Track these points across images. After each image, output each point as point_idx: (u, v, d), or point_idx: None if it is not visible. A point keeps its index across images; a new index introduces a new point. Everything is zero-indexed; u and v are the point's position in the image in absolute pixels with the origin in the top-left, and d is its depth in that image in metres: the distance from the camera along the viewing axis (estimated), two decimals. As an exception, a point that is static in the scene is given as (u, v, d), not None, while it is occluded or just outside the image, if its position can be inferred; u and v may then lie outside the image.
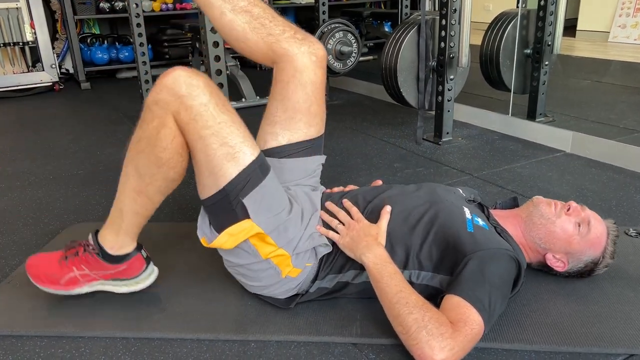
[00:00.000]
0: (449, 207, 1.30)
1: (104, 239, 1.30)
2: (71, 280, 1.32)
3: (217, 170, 1.16)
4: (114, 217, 1.29)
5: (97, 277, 1.32)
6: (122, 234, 1.29)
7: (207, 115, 1.13)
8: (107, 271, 1.31)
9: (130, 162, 1.22)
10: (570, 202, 1.36)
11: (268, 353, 1.19)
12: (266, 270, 1.26)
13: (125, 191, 1.25)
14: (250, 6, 1.27)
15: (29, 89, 4.08)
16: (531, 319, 1.26)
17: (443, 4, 2.47)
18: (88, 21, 4.70)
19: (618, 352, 1.15)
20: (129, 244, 1.31)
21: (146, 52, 3.51)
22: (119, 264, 1.31)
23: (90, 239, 1.32)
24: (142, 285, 1.35)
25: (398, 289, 1.13)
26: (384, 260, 1.20)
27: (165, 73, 1.15)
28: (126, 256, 1.31)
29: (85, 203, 2.05)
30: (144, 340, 1.24)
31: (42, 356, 1.20)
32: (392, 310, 1.12)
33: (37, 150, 2.73)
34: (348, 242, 1.26)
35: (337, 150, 2.60)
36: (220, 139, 1.15)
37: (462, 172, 2.27)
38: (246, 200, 1.18)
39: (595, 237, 1.32)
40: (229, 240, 1.21)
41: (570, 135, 2.45)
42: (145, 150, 1.19)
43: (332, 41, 3.28)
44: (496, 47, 2.83)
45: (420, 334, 1.05)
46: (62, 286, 1.32)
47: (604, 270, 1.37)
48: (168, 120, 1.15)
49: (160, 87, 1.14)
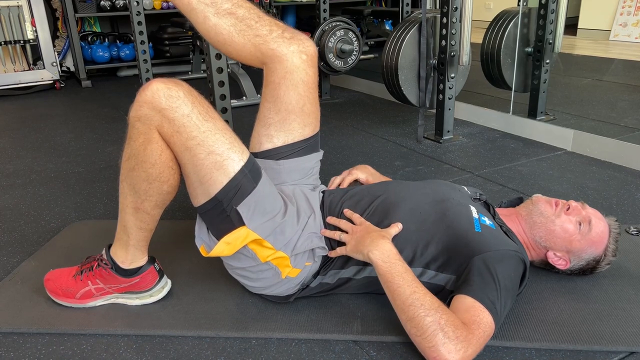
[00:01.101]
0: (457, 207, 1.29)
1: (115, 254, 1.31)
2: (86, 294, 1.33)
3: (207, 179, 1.15)
4: (120, 234, 1.29)
5: (111, 290, 1.33)
6: (130, 248, 1.29)
7: (190, 126, 1.11)
8: (120, 285, 1.32)
9: (124, 180, 1.22)
10: (570, 201, 1.36)
11: (269, 350, 1.20)
12: (266, 271, 1.26)
13: (125, 208, 1.24)
14: (234, 8, 1.24)
15: (30, 87, 4.08)
16: (532, 316, 1.27)
17: (444, 2, 2.47)
18: (89, 19, 4.70)
19: (618, 350, 1.16)
20: (140, 258, 1.32)
21: (147, 50, 3.51)
22: (131, 278, 1.31)
23: (103, 253, 1.33)
24: (156, 298, 1.35)
25: (412, 289, 1.11)
26: (392, 258, 1.16)
27: (143, 87, 1.12)
28: (138, 269, 1.31)
29: (87, 201, 2.05)
30: (146, 338, 1.25)
31: (43, 353, 1.21)
32: (406, 312, 1.10)
33: (38, 148, 2.73)
34: (354, 245, 1.22)
35: (338, 148, 2.60)
36: (207, 148, 1.12)
37: (463, 170, 2.27)
38: (240, 207, 1.17)
39: (596, 235, 1.32)
40: (227, 248, 1.20)
41: (571, 134, 2.45)
42: (135, 168, 1.18)
43: (333, 39, 3.28)
44: (497, 45, 2.83)
45: (437, 337, 1.04)
46: (77, 300, 1.33)
47: (606, 267, 1.37)
48: (153, 136, 1.13)
49: (140, 103, 1.12)
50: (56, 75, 4.14)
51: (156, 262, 1.35)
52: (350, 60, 3.38)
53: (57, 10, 4.51)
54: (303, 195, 1.35)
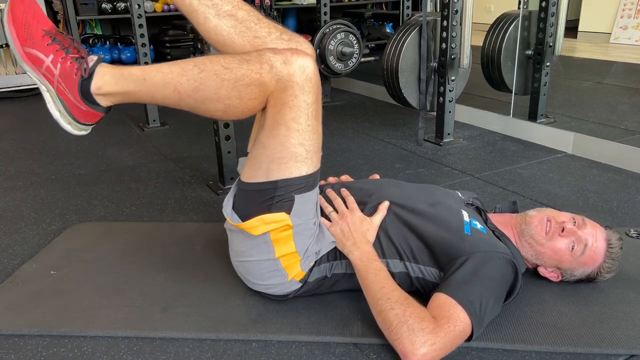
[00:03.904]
0: (447, 210, 1.31)
1: (102, 74, 1.16)
2: (34, 59, 1.15)
3: (281, 162, 1.18)
4: (134, 71, 1.16)
5: (55, 84, 1.17)
6: (120, 86, 1.16)
7: (303, 113, 1.15)
8: (68, 93, 1.17)
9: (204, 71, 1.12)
10: (565, 221, 1.30)
11: (269, 353, 1.20)
12: (272, 271, 1.27)
13: (168, 84, 1.12)
14: (234, 10, 1.25)
15: (31, 90, 4.08)
16: (532, 319, 1.27)
17: (444, 5, 2.47)
18: (90, 22, 4.71)
19: (619, 353, 1.16)
20: (109, 101, 1.19)
21: (148, 53, 3.51)
22: (83, 102, 1.17)
23: (89, 60, 1.17)
24: (77, 133, 1.24)
25: (381, 285, 1.15)
26: (370, 258, 1.23)
27: (300, 51, 1.15)
28: (96, 105, 1.18)
29: (88, 203, 2.06)
30: (146, 340, 1.25)
31: (44, 355, 1.21)
32: (375, 307, 1.15)
33: (39, 150, 2.74)
34: (338, 233, 1.29)
35: (338, 150, 2.60)
36: (301, 139, 1.17)
37: (463, 173, 2.27)
38: (298, 197, 1.21)
39: (588, 258, 1.30)
40: (260, 227, 1.22)
41: (571, 137, 2.45)
42: (225, 82, 1.11)
43: (333, 42, 3.28)
44: (497, 48, 2.83)
45: (402, 329, 1.06)
46: (23, 53, 1.14)
47: (608, 277, 1.34)
48: (268, 86, 1.12)
49: (286, 60, 1.12)
50: (57, 78, 4.14)
51: (109, 112, 1.22)
52: (350, 63, 3.38)
53: (59, 13, 4.52)
54: None
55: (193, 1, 1.24)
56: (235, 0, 1.26)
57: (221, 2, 1.24)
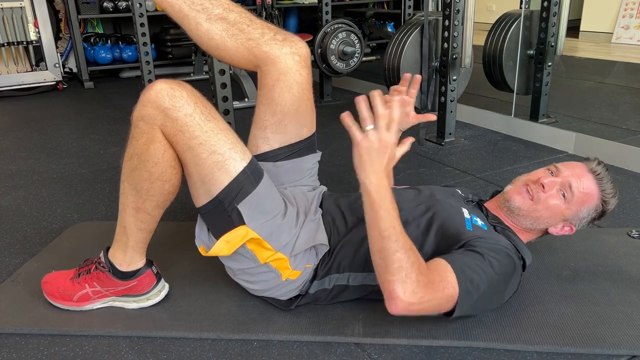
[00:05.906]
0: (448, 209, 1.30)
1: (114, 256, 1.31)
2: (83, 297, 1.33)
3: (208, 179, 1.16)
4: (120, 235, 1.29)
5: (108, 293, 1.33)
6: (129, 250, 1.29)
7: (193, 125, 1.13)
8: (118, 287, 1.32)
9: (126, 179, 1.22)
10: (542, 179, 1.29)
11: (270, 352, 1.20)
12: (266, 273, 1.26)
13: (126, 209, 1.25)
14: (225, 13, 1.25)
15: (32, 88, 4.09)
16: (533, 319, 1.27)
17: (446, 4, 2.47)
18: (91, 20, 4.71)
19: (620, 354, 1.15)
20: (138, 260, 1.32)
21: (149, 52, 3.52)
22: (129, 281, 1.31)
23: (101, 256, 1.33)
24: (152, 302, 1.35)
25: (391, 224, 1.07)
26: (386, 192, 1.08)
27: (147, 87, 1.14)
28: (136, 272, 1.31)
29: (89, 202, 2.06)
30: (147, 339, 1.25)
31: (45, 354, 1.21)
32: (377, 242, 1.07)
33: (41, 150, 2.74)
34: (364, 152, 1.09)
35: (339, 150, 2.60)
36: (209, 147, 1.14)
37: (464, 172, 2.27)
38: (241, 206, 1.18)
39: (583, 195, 1.28)
40: (226, 247, 1.21)
41: (573, 137, 2.45)
42: (137, 167, 1.18)
43: (335, 41, 3.28)
44: (499, 47, 2.83)
45: (399, 274, 1.04)
46: (75, 303, 1.34)
47: (615, 203, 1.32)
48: (156, 135, 1.15)
49: (143, 103, 1.13)
50: (59, 77, 4.15)
51: (154, 265, 1.35)
52: (352, 63, 3.38)
53: (60, 12, 4.53)
54: (303, 196, 1.35)
55: (183, 7, 1.23)
56: (226, 3, 1.25)
57: (212, 6, 1.24)
